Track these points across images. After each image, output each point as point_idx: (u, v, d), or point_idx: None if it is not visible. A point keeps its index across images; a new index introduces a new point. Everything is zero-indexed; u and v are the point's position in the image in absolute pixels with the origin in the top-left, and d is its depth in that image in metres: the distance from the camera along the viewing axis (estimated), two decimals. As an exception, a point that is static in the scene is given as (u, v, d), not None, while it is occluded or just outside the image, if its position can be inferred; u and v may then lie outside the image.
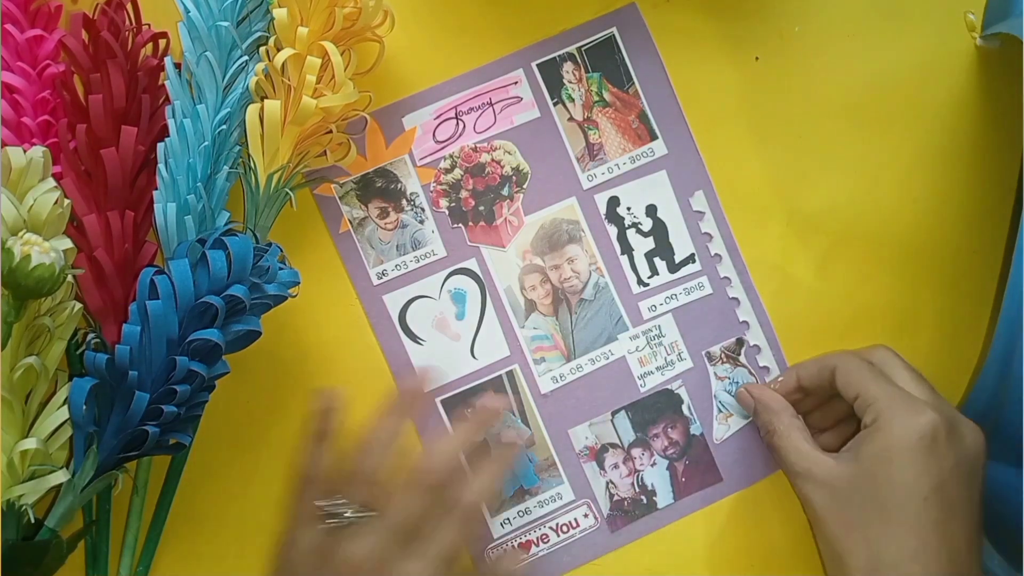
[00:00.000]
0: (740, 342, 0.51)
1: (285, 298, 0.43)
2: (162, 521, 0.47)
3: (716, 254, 0.51)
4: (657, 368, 0.51)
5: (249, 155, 0.45)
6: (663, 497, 0.50)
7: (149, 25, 0.47)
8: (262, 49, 0.45)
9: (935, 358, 0.51)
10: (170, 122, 0.43)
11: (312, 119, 0.44)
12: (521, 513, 0.50)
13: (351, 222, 0.50)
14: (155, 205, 0.43)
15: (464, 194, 0.51)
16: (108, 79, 0.43)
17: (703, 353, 0.51)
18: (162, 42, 0.47)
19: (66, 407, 0.41)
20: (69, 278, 0.41)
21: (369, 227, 0.50)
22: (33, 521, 0.41)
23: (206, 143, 0.43)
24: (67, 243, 0.40)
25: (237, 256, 0.41)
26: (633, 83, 0.51)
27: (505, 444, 0.49)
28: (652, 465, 0.51)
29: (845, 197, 0.52)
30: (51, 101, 0.45)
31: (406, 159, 0.50)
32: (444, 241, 0.50)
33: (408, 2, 0.50)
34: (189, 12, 0.43)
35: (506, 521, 0.50)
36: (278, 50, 0.44)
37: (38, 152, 0.39)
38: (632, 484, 0.50)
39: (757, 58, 0.52)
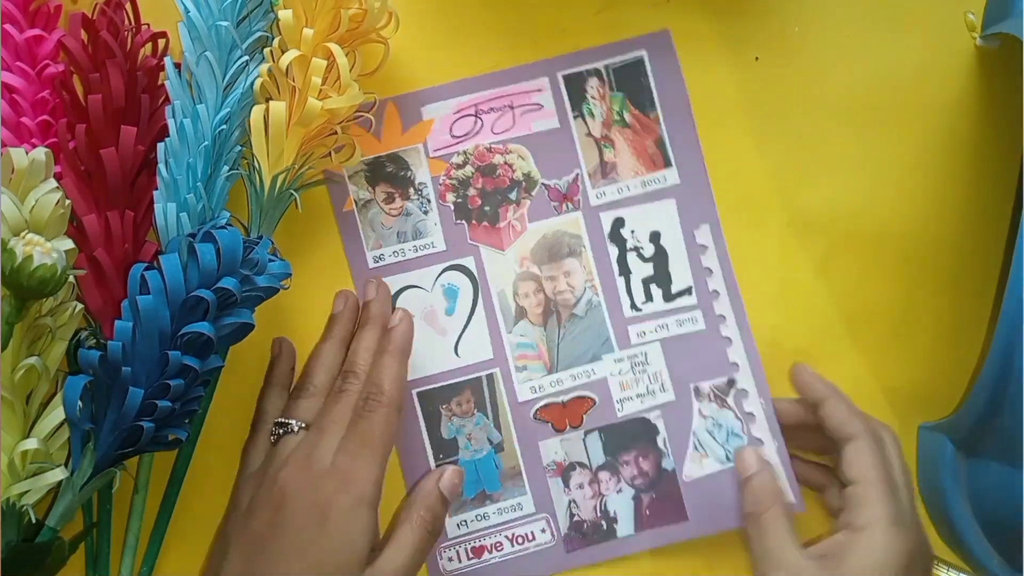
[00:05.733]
0: (731, 383, 0.50)
1: (277, 290, 0.43)
2: (166, 522, 0.47)
3: (714, 290, 0.51)
4: (637, 395, 0.50)
5: (253, 156, 0.45)
6: (624, 526, 0.49)
7: (148, 25, 0.47)
8: (267, 50, 0.45)
9: (935, 358, 0.51)
10: (170, 122, 0.43)
11: (317, 121, 0.44)
12: (479, 517, 0.49)
13: (356, 202, 0.50)
14: (155, 205, 0.43)
15: (472, 192, 0.50)
16: (107, 79, 0.43)
17: (691, 387, 0.50)
18: (161, 42, 0.47)
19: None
20: (70, 278, 0.41)
21: (373, 210, 0.50)
22: (34, 521, 0.41)
23: (206, 143, 0.43)
24: (68, 244, 0.40)
25: (226, 249, 0.41)
26: (656, 109, 0.51)
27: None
28: (618, 492, 0.50)
29: (845, 197, 0.52)
30: (50, 101, 0.45)
31: (420, 148, 0.50)
32: (445, 235, 0.50)
33: (438, 3, 0.50)
34: (189, 12, 0.43)
35: (463, 523, 0.49)
36: (283, 51, 0.44)
37: (40, 153, 0.39)
38: (595, 507, 0.49)
39: (757, 58, 0.52)
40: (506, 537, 0.49)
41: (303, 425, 0.45)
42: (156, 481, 0.47)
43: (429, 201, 0.50)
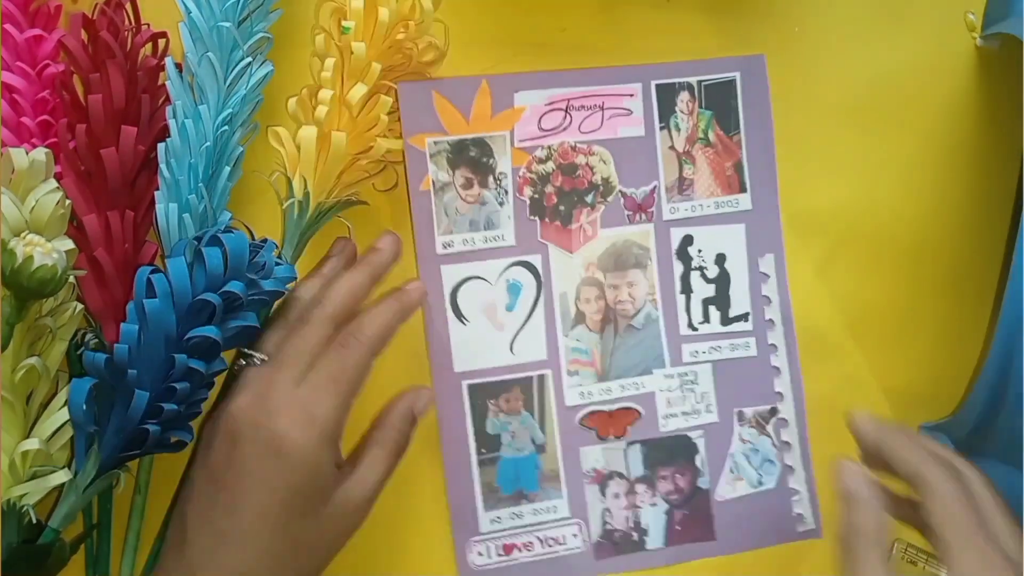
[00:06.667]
0: (773, 411, 0.51)
1: (282, 294, 0.44)
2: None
3: (770, 319, 0.51)
4: (683, 413, 0.51)
5: (299, 177, 0.45)
6: (654, 539, 0.50)
7: (148, 25, 0.46)
8: (324, 75, 0.45)
9: (935, 358, 0.52)
10: (171, 122, 0.43)
11: (374, 157, 0.45)
12: (514, 515, 0.49)
13: (434, 183, 0.49)
14: (157, 205, 0.43)
15: (550, 189, 0.50)
16: (107, 79, 0.43)
17: (735, 411, 0.51)
18: (161, 42, 0.47)
19: (67, 408, 0.41)
20: (71, 279, 0.41)
21: (449, 194, 0.49)
22: (35, 522, 0.41)
23: (208, 144, 0.43)
24: (69, 244, 0.40)
25: (233, 253, 0.41)
26: (739, 131, 0.51)
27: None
28: (652, 505, 0.50)
29: (845, 197, 0.52)
30: (50, 101, 0.44)
31: (506, 136, 0.50)
32: (516, 230, 0.50)
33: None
34: (191, 12, 0.43)
35: (497, 519, 0.49)
36: (349, 81, 0.44)
37: (40, 153, 0.39)
38: (627, 518, 0.50)
39: (757, 58, 0.52)
40: (537, 538, 0.49)
41: (264, 358, 0.43)
42: (161, 482, 0.47)
43: (507, 192, 0.49)
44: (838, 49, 0.52)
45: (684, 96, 0.51)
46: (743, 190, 0.51)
